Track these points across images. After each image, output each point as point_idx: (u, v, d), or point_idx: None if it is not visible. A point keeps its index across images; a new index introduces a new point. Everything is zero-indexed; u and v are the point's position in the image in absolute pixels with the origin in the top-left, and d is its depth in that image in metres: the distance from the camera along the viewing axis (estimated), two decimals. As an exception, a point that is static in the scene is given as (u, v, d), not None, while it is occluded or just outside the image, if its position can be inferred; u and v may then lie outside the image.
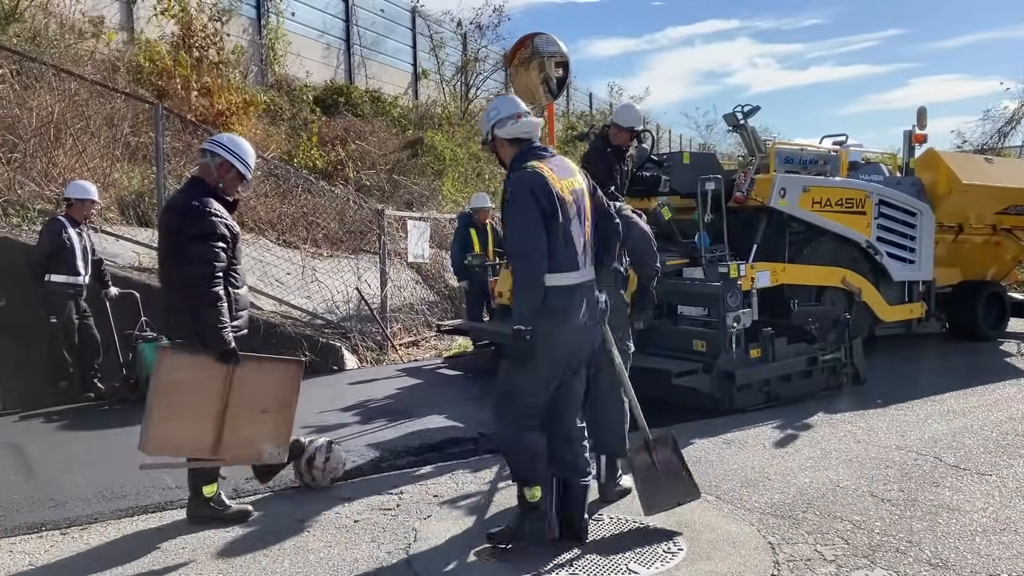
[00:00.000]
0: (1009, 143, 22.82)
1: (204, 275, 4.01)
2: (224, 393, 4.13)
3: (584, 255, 3.84)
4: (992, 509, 4.30)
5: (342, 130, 14.90)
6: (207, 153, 4.28)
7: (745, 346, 6.51)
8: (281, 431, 4.34)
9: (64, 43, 11.00)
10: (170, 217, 4.18)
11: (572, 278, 3.79)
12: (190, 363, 4.06)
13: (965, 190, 8.86)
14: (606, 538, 3.98)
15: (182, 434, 4.06)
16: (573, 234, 3.78)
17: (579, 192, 3.86)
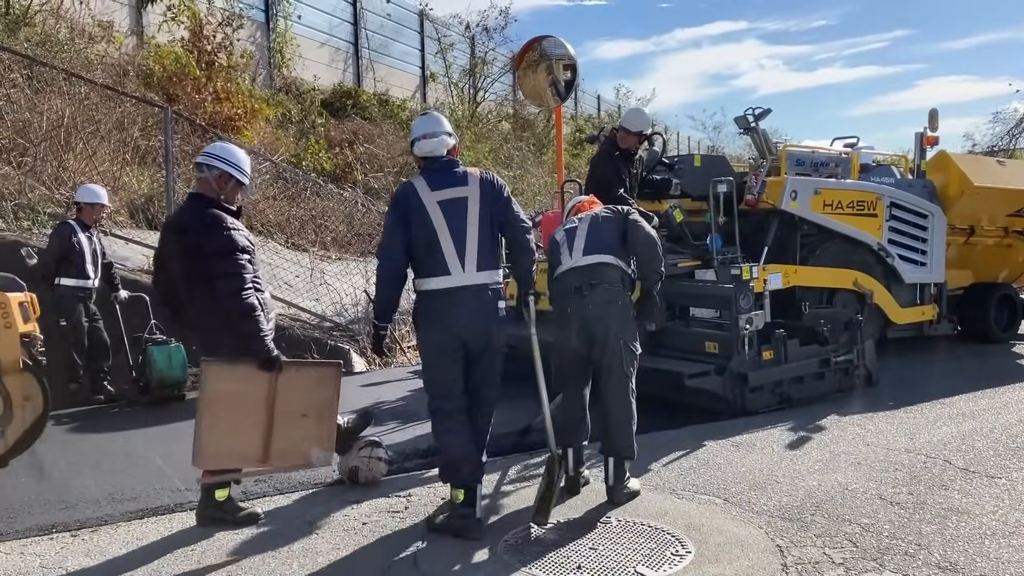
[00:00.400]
0: (1020, 145, 22.69)
1: (236, 289, 4.05)
2: (270, 400, 4.16)
3: (464, 260, 4.06)
4: (1002, 512, 4.28)
5: (350, 133, 14.95)
6: (203, 167, 4.27)
7: (758, 348, 6.49)
8: (324, 435, 4.35)
9: (74, 47, 11.08)
10: (185, 237, 4.14)
11: (442, 282, 4.07)
12: (234, 374, 4.10)
13: (977, 192, 8.83)
14: (614, 540, 3.98)
15: (233, 445, 4.10)
16: (442, 242, 4.05)
17: (461, 201, 4.11)
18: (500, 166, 17.92)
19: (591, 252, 4.71)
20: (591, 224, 4.85)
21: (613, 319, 4.58)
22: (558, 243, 4.91)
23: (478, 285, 4.10)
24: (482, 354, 4.19)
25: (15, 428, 5.43)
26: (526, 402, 5.15)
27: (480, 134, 19.07)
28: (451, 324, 4.08)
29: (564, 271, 4.76)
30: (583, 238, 4.78)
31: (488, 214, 4.17)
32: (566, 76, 9.25)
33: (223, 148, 4.42)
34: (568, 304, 4.67)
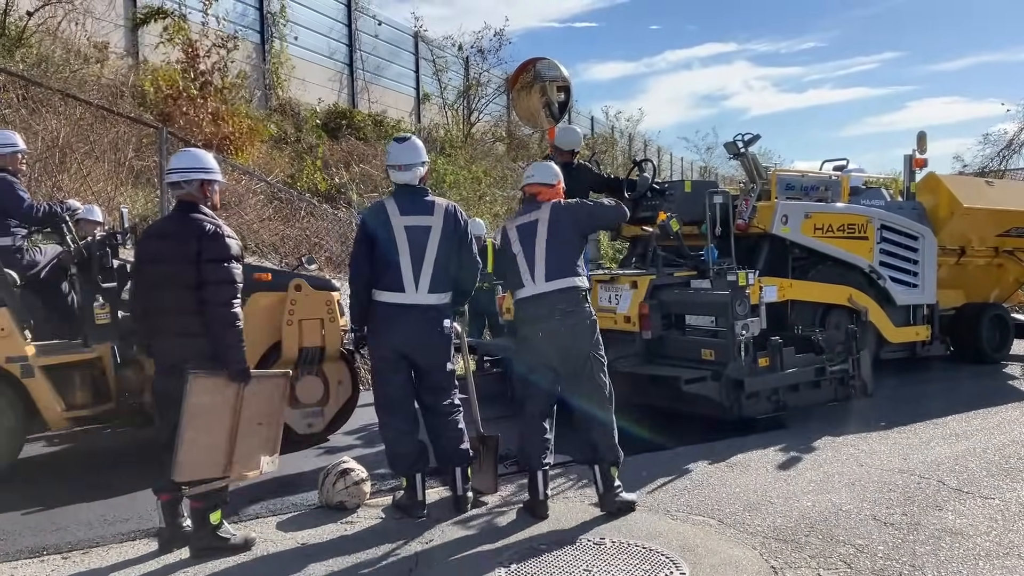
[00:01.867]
0: (1011, 166, 22.88)
1: (229, 297, 4.08)
2: (236, 411, 4.16)
3: (416, 281, 4.57)
4: (995, 533, 4.29)
5: (345, 153, 15.00)
6: (181, 184, 4.23)
7: (754, 355, 6.53)
8: (273, 442, 4.39)
9: (70, 68, 11.12)
10: (182, 243, 4.10)
11: (393, 297, 4.60)
12: (213, 386, 4.10)
13: (966, 213, 8.89)
14: (608, 561, 3.97)
15: (205, 456, 4.08)
16: (401, 263, 4.57)
17: (425, 229, 4.62)
18: (495, 187, 17.98)
19: (555, 276, 4.71)
20: (551, 230, 4.77)
21: (584, 338, 4.72)
22: (512, 250, 4.85)
23: (426, 305, 4.62)
24: (427, 368, 4.69)
25: (331, 408, 6.52)
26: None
27: (474, 155, 19.14)
28: (395, 336, 4.62)
29: (529, 296, 4.77)
30: (543, 256, 4.73)
31: (447, 245, 4.66)
32: (560, 98, 9.31)
33: (191, 157, 4.36)
34: (539, 328, 4.71)
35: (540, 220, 4.81)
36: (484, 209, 16.09)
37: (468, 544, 4.26)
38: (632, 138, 31.83)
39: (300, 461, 5.84)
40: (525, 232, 4.83)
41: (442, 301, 4.69)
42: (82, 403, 5.70)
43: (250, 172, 11.32)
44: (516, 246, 4.83)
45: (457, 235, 4.71)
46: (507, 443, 5.38)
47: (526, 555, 4.07)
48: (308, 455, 6.06)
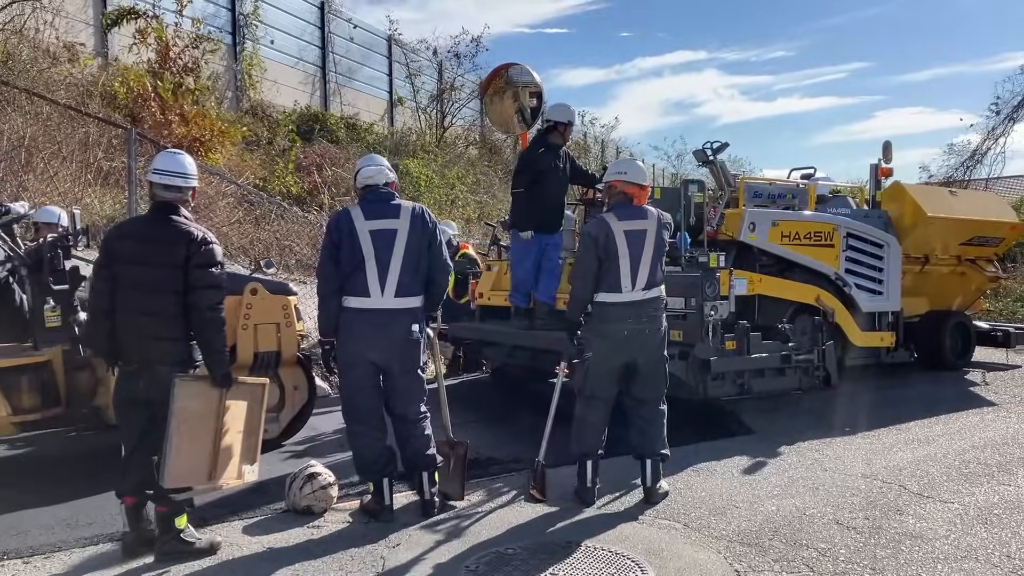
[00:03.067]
0: (974, 176, 23.25)
1: (216, 302, 4.10)
2: (219, 417, 4.16)
3: (383, 285, 4.55)
4: (954, 536, 4.37)
5: (317, 156, 14.94)
6: (181, 190, 4.23)
7: (721, 337, 6.67)
8: (254, 450, 4.40)
9: (38, 67, 10.98)
10: (169, 248, 4.08)
11: (360, 303, 4.57)
12: (198, 391, 4.10)
13: (930, 222, 9.04)
14: (574, 565, 3.99)
15: (191, 462, 4.07)
16: (367, 267, 4.54)
17: (391, 232, 4.59)
18: (467, 191, 17.99)
19: (651, 285, 4.98)
20: (656, 245, 5.00)
21: (662, 343, 5.10)
22: (616, 247, 4.89)
23: (393, 310, 4.59)
24: (395, 373, 4.68)
25: (286, 414, 6.49)
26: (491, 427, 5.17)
27: (448, 160, 19.14)
28: (362, 342, 4.61)
29: (624, 302, 4.93)
30: (648, 264, 4.94)
31: (415, 247, 4.64)
32: (532, 103, 9.36)
33: (181, 163, 4.31)
34: (625, 327, 4.92)
35: (648, 231, 4.99)
36: (456, 213, 16.10)
37: (435, 548, 4.26)
38: (605, 145, 31.95)
39: (267, 465, 5.78)
40: (634, 239, 4.95)
41: (410, 305, 4.65)
42: (30, 407, 5.55)
43: (220, 174, 11.24)
44: (624, 249, 4.92)
45: (426, 236, 4.69)
46: (477, 448, 5.39)
47: (492, 559, 4.08)
48: (275, 460, 6.02)
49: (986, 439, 6.61)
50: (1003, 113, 22.47)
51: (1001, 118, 22.51)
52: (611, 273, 4.93)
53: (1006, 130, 22.60)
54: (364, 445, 4.71)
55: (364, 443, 4.71)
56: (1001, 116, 22.50)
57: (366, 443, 4.70)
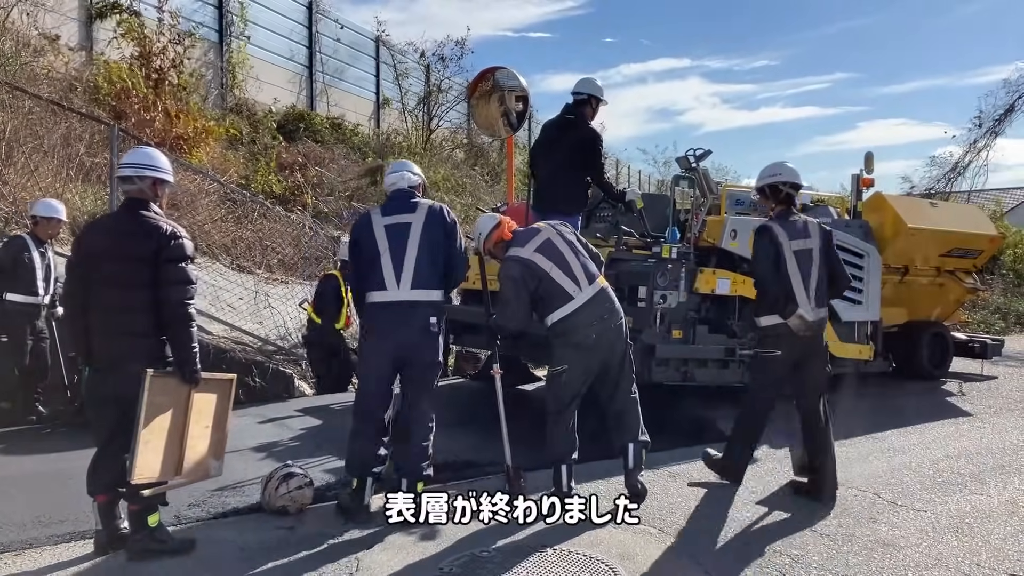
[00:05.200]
0: (955, 188, 23.47)
1: (185, 297, 4.06)
2: (186, 413, 4.14)
3: (399, 277, 4.68)
4: (926, 545, 4.41)
5: (302, 156, 14.89)
6: (134, 180, 4.19)
7: (668, 326, 6.82)
8: (220, 445, 4.38)
9: (20, 60, 10.88)
10: (138, 242, 4.04)
11: (379, 296, 4.72)
12: (167, 386, 4.07)
13: (911, 233, 9.11)
14: (548, 569, 4.00)
15: (159, 458, 4.04)
16: (382, 261, 4.70)
17: (405, 225, 4.75)
18: (452, 194, 17.97)
19: (594, 279, 5.02)
20: (572, 245, 5.08)
21: (624, 335, 5.09)
22: (545, 271, 4.91)
23: (410, 301, 4.68)
24: (412, 366, 4.77)
25: None
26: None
27: (433, 162, 19.12)
28: (381, 335, 4.72)
29: (580, 306, 4.92)
30: (579, 264, 5.00)
31: (428, 239, 4.74)
32: (518, 107, 9.35)
33: (145, 155, 4.31)
34: (592, 331, 4.91)
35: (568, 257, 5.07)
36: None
37: (410, 549, 4.25)
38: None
39: (243, 465, 5.78)
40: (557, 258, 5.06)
41: (428, 298, 4.74)
42: None
43: (203, 172, 11.18)
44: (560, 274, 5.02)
45: (443, 229, 4.81)
46: (455, 452, 5.40)
47: (467, 561, 4.08)
48: (251, 460, 5.99)
49: (960, 449, 6.68)
50: (985, 126, 22.70)
51: (983, 131, 22.74)
52: (553, 285, 4.92)
53: (988, 143, 22.83)
54: (359, 444, 4.79)
55: (360, 442, 4.78)
56: (983, 129, 22.72)
57: (362, 443, 4.78)
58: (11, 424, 6.99)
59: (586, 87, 7.40)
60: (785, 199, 5.44)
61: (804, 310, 5.12)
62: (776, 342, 5.26)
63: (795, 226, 5.31)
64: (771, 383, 5.42)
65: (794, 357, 5.27)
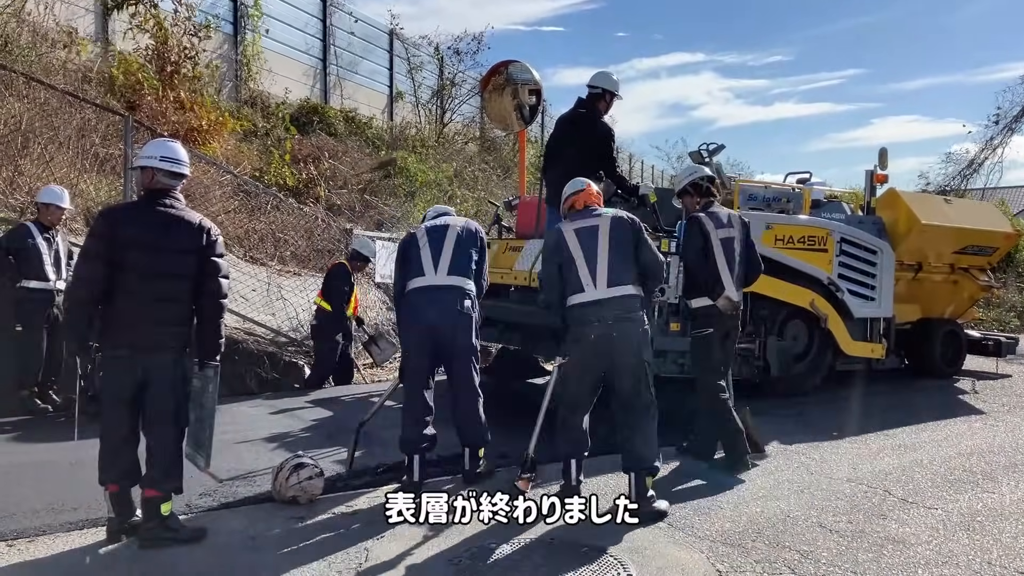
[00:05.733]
0: (971, 185, 23.32)
1: (226, 292, 4.27)
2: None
3: (438, 266, 5.23)
4: (936, 542, 4.39)
5: (315, 149, 14.92)
6: (180, 176, 4.31)
7: (667, 318, 6.85)
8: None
9: (36, 52, 10.94)
10: (180, 236, 4.15)
11: (417, 282, 5.23)
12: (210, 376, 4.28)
13: (924, 230, 9.07)
14: (559, 561, 4.01)
15: None
16: (422, 254, 5.29)
17: (441, 229, 5.42)
18: (465, 188, 17.97)
19: (616, 283, 4.78)
20: (612, 240, 4.85)
21: (639, 346, 4.79)
22: (570, 251, 4.87)
23: (445, 285, 5.19)
24: (448, 342, 5.17)
25: None
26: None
27: (446, 155, 19.12)
28: (420, 318, 5.18)
29: (588, 301, 4.79)
30: (605, 261, 4.80)
31: (462, 240, 5.37)
32: (531, 101, 9.37)
33: (175, 150, 4.37)
34: (592, 330, 4.76)
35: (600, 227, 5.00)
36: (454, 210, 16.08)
37: (420, 541, 4.27)
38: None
39: (254, 455, 5.82)
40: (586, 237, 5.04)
41: (461, 284, 5.23)
42: None
43: (216, 163, 11.22)
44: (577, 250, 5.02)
45: (475, 243, 5.44)
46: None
47: (476, 553, 4.10)
48: (262, 450, 6.03)
49: (972, 447, 6.65)
50: (1002, 123, 22.54)
51: (1000, 128, 22.58)
52: (572, 270, 4.89)
53: (1004, 140, 22.67)
54: (407, 423, 5.15)
55: (408, 421, 5.15)
56: (1000, 126, 22.56)
57: (410, 421, 5.14)
58: (23, 413, 7.04)
59: (601, 81, 7.33)
60: (706, 192, 6.02)
61: (730, 292, 5.65)
62: (707, 321, 5.77)
63: (719, 217, 5.84)
64: (711, 359, 5.81)
65: (721, 334, 5.78)
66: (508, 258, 8.33)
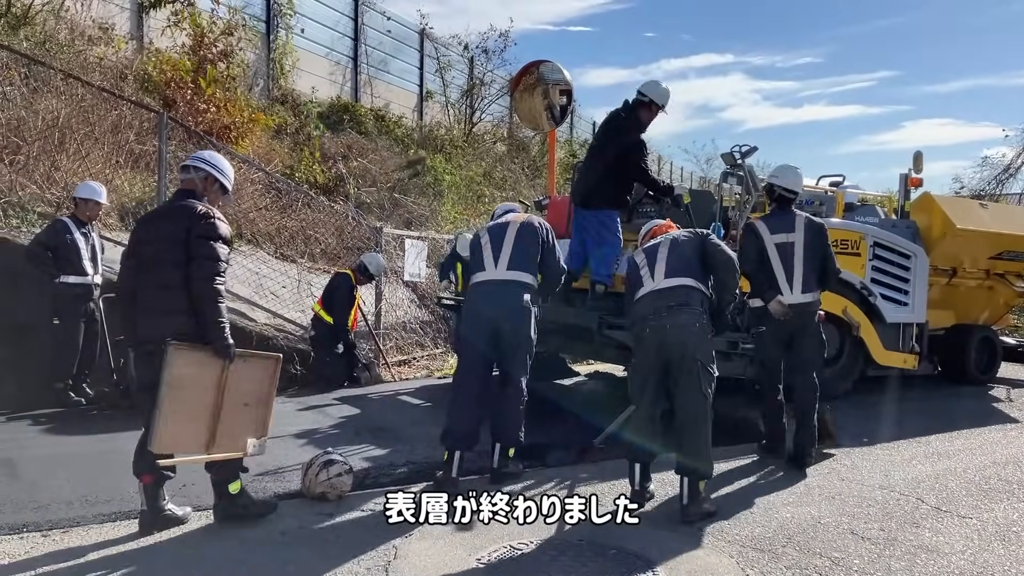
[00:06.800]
0: (1007, 190, 22.96)
1: (213, 273, 4.19)
2: (220, 388, 4.23)
3: (494, 262, 5.37)
4: (971, 552, 4.32)
5: (345, 147, 15.01)
6: (190, 169, 4.45)
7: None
8: (261, 425, 4.45)
9: (74, 49, 11.10)
10: (173, 224, 4.26)
11: (479, 276, 5.42)
12: (195, 360, 4.16)
13: (959, 234, 8.93)
14: (587, 563, 3.99)
15: (183, 431, 4.14)
16: (484, 253, 5.45)
17: (502, 226, 5.53)
18: (494, 187, 18.00)
19: (672, 275, 4.90)
20: (671, 246, 5.02)
21: (692, 341, 4.75)
22: (637, 265, 5.12)
23: (506, 280, 5.31)
24: (504, 333, 5.23)
25: None
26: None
27: (475, 155, 19.15)
28: (479, 311, 5.33)
29: (645, 293, 4.95)
30: (663, 260, 4.96)
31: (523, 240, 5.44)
32: (562, 101, 9.35)
33: (211, 155, 4.58)
34: (647, 325, 4.84)
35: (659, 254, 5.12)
36: (482, 208, 16.12)
37: (447, 540, 4.27)
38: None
39: (283, 451, 5.85)
40: (649, 255, 5.18)
41: (520, 279, 5.31)
42: None
43: (249, 161, 11.31)
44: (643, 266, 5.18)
45: (538, 237, 5.46)
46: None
47: (504, 553, 4.10)
48: (292, 446, 6.07)
49: (1008, 456, 6.54)
50: (1039, 127, 22.16)
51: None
52: (638, 276, 5.10)
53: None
54: (452, 414, 5.21)
55: (453, 411, 5.21)
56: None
57: (455, 412, 5.20)
58: (58, 406, 7.14)
59: (650, 90, 7.16)
60: (777, 199, 6.22)
61: (784, 296, 5.87)
62: (761, 320, 6.06)
63: (780, 222, 6.07)
64: (766, 355, 6.11)
65: (782, 335, 5.98)
66: None
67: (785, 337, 5.99)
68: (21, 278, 7.25)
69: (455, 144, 18.80)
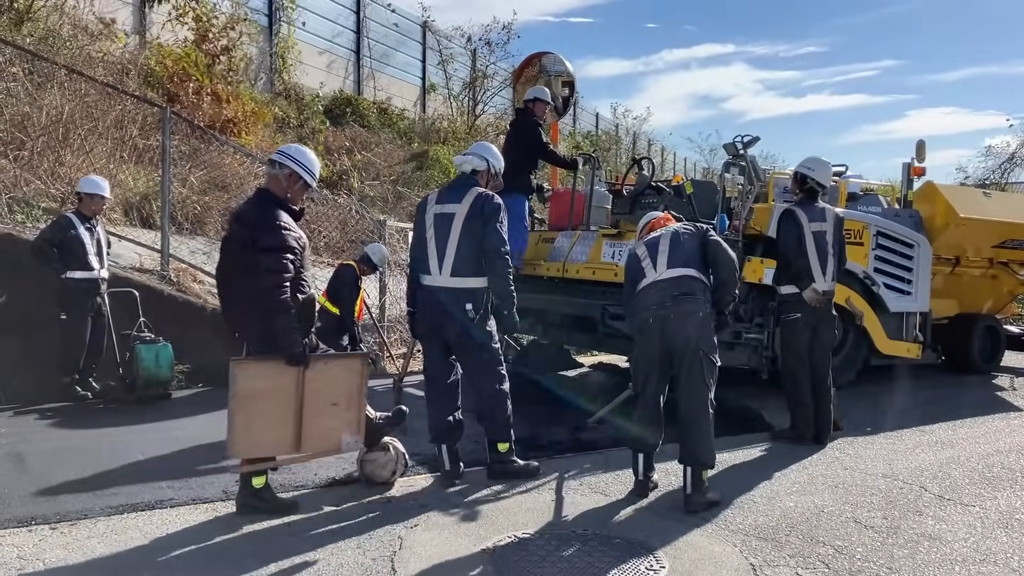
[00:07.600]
0: (1011, 179, 22.90)
1: (274, 285, 4.24)
2: (299, 392, 4.39)
3: (441, 263, 4.99)
4: (973, 540, 4.34)
5: (348, 140, 15.01)
6: (275, 164, 4.49)
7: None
8: (354, 421, 4.58)
9: (77, 44, 11.12)
10: (242, 229, 4.36)
11: (424, 280, 5.08)
12: (263, 370, 4.35)
13: (962, 223, 8.91)
14: (592, 553, 4.02)
15: (266, 437, 4.36)
16: (429, 247, 5.03)
17: (447, 215, 5.01)
18: (496, 179, 17.97)
19: (675, 265, 4.92)
20: (672, 239, 5.04)
21: (695, 330, 4.77)
22: (639, 257, 5.13)
23: (449, 288, 4.98)
24: (457, 347, 5.11)
25: None
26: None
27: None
28: (425, 315, 5.15)
29: (647, 284, 4.97)
30: (665, 252, 4.98)
31: (470, 230, 4.95)
32: (564, 93, 9.37)
33: (297, 149, 4.61)
34: (650, 315, 4.86)
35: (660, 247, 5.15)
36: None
37: (452, 530, 4.31)
38: (636, 137, 31.87)
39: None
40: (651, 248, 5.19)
41: (464, 285, 4.97)
42: None
43: (251, 154, 11.33)
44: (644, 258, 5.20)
45: (481, 218, 4.95)
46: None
47: (509, 543, 4.12)
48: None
49: (1011, 444, 6.55)
50: (1044, 115, 22.09)
51: (1042, 120, 22.12)
52: (640, 268, 5.12)
53: (1048, 132, 22.22)
54: (431, 410, 5.25)
55: (431, 407, 5.26)
56: (1042, 118, 22.11)
57: (432, 408, 5.25)
58: (65, 400, 7.18)
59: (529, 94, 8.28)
60: (808, 191, 6.41)
61: (819, 283, 6.11)
62: (794, 307, 6.22)
63: (814, 211, 6.29)
64: (798, 342, 6.25)
65: (812, 322, 6.20)
66: (541, 249, 8.34)
67: (815, 323, 6.22)
68: (27, 273, 7.27)
69: (458, 136, 18.79)
